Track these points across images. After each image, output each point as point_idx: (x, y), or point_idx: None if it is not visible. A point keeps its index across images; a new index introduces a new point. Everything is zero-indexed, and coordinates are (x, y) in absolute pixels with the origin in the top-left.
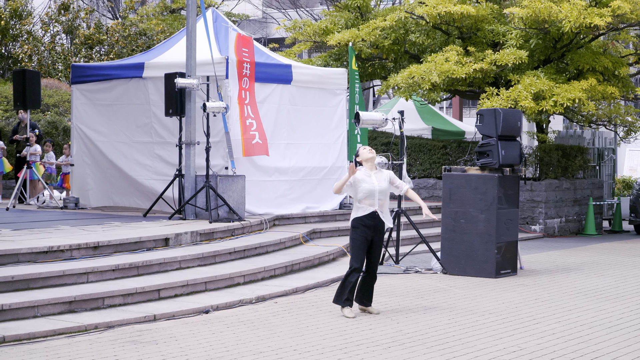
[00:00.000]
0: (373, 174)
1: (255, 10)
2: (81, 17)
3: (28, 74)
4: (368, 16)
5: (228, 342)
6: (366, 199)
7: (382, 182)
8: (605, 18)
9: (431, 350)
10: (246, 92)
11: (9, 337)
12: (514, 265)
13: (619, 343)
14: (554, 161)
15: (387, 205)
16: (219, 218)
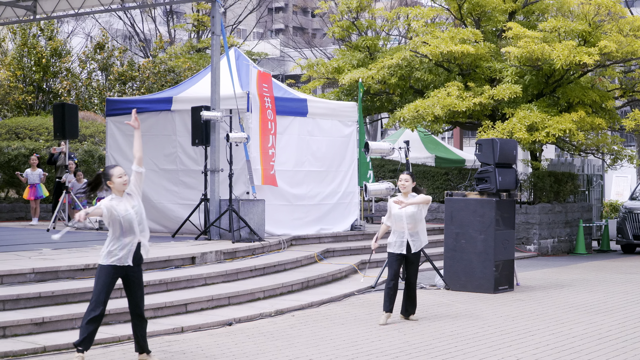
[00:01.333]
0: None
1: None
2: (115, 55)
3: (67, 107)
4: (376, 55)
5: (249, 352)
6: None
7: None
8: (593, 56)
9: (435, 359)
10: (272, 123)
11: (50, 346)
12: (510, 282)
13: (609, 353)
14: (546, 186)
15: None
16: (241, 238)
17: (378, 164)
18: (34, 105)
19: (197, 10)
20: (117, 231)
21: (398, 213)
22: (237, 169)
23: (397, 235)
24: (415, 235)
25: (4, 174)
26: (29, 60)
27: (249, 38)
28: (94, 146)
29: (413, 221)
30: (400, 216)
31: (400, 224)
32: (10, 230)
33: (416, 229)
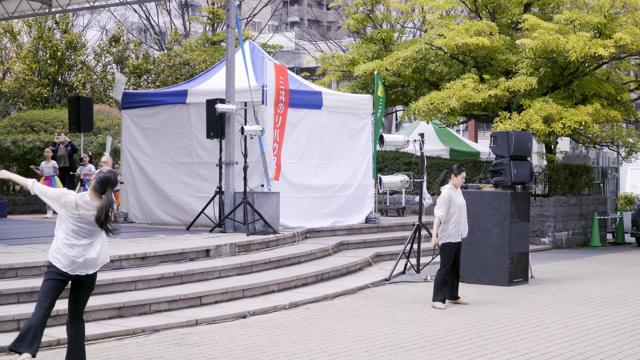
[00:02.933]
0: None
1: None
2: (130, 48)
3: (82, 100)
4: (391, 47)
5: (264, 345)
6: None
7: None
8: (609, 48)
9: (449, 352)
10: (279, 117)
11: (63, 339)
12: (525, 275)
13: (623, 346)
14: (561, 179)
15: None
16: (256, 231)
17: (393, 157)
18: (49, 98)
19: (212, 3)
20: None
21: (461, 203)
22: (252, 161)
23: (455, 225)
24: (464, 224)
25: (19, 166)
26: (45, 54)
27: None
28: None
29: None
30: (462, 206)
31: (461, 213)
32: (25, 223)
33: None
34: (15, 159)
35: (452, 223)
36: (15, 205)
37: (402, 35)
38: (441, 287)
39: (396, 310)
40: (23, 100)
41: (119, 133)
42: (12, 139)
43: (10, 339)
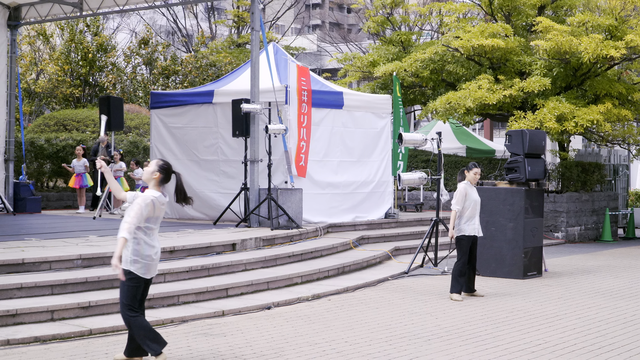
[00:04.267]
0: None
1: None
2: (159, 50)
3: (113, 100)
4: (410, 49)
5: (287, 335)
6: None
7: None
8: (620, 50)
9: (466, 342)
10: (304, 116)
11: (95, 329)
12: (539, 268)
13: (633, 337)
14: (574, 176)
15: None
16: (280, 226)
17: (411, 155)
18: (81, 98)
19: (237, 7)
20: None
21: (476, 199)
22: (276, 159)
23: (467, 219)
24: (477, 220)
25: (52, 164)
26: (76, 55)
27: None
28: (139, 137)
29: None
30: (476, 202)
31: (475, 209)
32: (58, 218)
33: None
34: (49, 157)
35: (465, 217)
36: (48, 201)
37: (420, 37)
38: (458, 279)
39: (414, 302)
40: (56, 100)
41: (148, 132)
42: (46, 137)
43: (45, 329)
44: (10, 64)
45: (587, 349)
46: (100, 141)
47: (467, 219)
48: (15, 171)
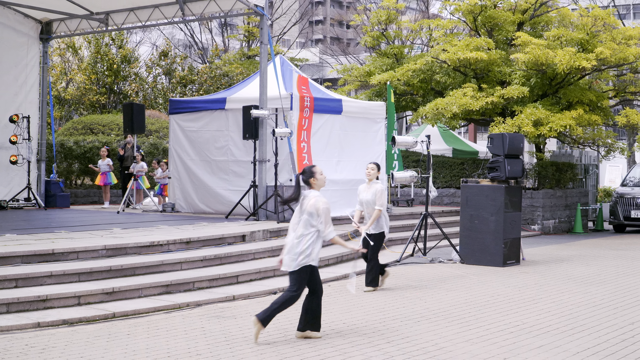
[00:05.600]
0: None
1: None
2: (177, 62)
3: (135, 106)
4: (402, 61)
5: (292, 317)
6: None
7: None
8: (591, 61)
9: (452, 323)
10: (306, 120)
11: (118, 313)
12: (517, 257)
13: (601, 319)
14: (549, 174)
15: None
16: (285, 219)
17: (403, 155)
18: (106, 105)
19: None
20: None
21: (360, 199)
22: (282, 159)
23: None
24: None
25: (80, 163)
26: (102, 66)
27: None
28: (159, 140)
29: (370, 207)
30: (361, 202)
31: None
32: (85, 212)
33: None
34: (77, 157)
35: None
36: (77, 197)
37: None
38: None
39: (406, 287)
40: (83, 106)
41: (167, 135)
42: (74, 140)
43: (72, 312)
44: (42, 73)
45: (560, 329)
46: (127, 142)
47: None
48: (46, 170)
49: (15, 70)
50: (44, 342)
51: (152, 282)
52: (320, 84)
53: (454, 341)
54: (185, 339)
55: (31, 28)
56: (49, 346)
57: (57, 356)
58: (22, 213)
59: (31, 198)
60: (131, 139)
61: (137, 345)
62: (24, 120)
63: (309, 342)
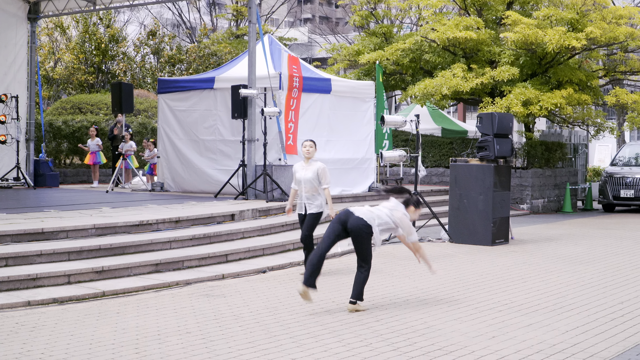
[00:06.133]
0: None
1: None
2: (165, 41)
3: (124, 85)
4: (391, 40)
5: (281, 295)
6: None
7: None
8: (581, 41)
9: (441, 302)
10: (294, 100)
11: (108, 291)
12: (506, 236)
13: (590, 298)
14: (538, 154)
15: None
16: (274, 198)
17: (393, 134)
18: (95, 84)
19: (236, 2)
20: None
21: (298, 178)
22: (271, 139)
23: (298, 197)
24: (311, 198)
25: (69, 143)
26: (90, 45)
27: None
28: (147, 119)
29: (310, 186)
30: (299, 181)
31: (300, 186)
32: (74, 191)
33: (312, 193)
34: (66, 137)
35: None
36: (66, 177)
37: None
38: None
39: (395, 266)
40: (72, 86)
41: (156, 114)
42: (63, 120)
43: (62, 291)
44: (30, 53)
45: (549, 308)
46: (118, 122)
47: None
48: (35, 150)
49: (5, 50)
50: (34, 321)
51: (142, 261)
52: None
53: (442, 319)
54: (174, 317)
55: (19, 8)
56: (39, 324)
57: (47, 334)
58: (12, 192)
59: (20, 177)
60: (121, 118)
61: (126, 324)
62: (13, 100)
63: (298, 321)
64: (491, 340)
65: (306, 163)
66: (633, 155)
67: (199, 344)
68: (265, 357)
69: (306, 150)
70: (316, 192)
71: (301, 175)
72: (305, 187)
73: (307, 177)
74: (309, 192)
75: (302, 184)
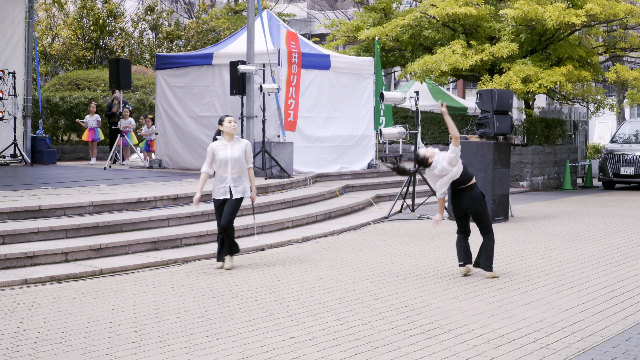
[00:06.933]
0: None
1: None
2: (164, 17)
3: (121, 61)
4: (390, 16)
5: (279, 273)
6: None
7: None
8: (581, 17)
9: (440, 280)
10: (294, 77)
11: (106, 269)
12: (505, 213)
13: (590, 275)
14: (538, 131)
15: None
16: (273, 176)
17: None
18: (92, 60)
19: None
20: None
21: (222, 157)
22: (269, 115)
23: (219, 181)
24: (238, 180)
25: (66, 119)
26: (88, 21)
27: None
28: (145, 96)
29: (239, 166)
30: (225, 160)
31: (225, 168)
32: (72, 168)
33: (239, 174)
34: (63, 113)
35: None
36: (63, 153)
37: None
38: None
39: (394, 244)
40: (69, 61)
41: (154, 91)
42: (60, 96)
43: (59, 269)
44: (28, 29)
45: (549, 286)
46: (115, 98)
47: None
48: (32, 126)
49: (2, 26)
50: (31, 299)
51: (140, 239)
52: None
53: (442, 298)
54: (172, 295)
55: None
56: (37, 303)
57: (44, 313)
58: (9, 169)
59: (17, 154)
60: (118, 95)
61: (124, 302)
62: (10, 76)
63: (297, 299)
64: (490, 318)
65: (229, 141)
66: (633, 132)
67: (197, 322)
68: (264, 335)
69: (232, 125)
70: (243, 173)
71: (226, 154)
72: (233, 168)
73: (235, 155)
74: (237, 174)
75: (229, 165)
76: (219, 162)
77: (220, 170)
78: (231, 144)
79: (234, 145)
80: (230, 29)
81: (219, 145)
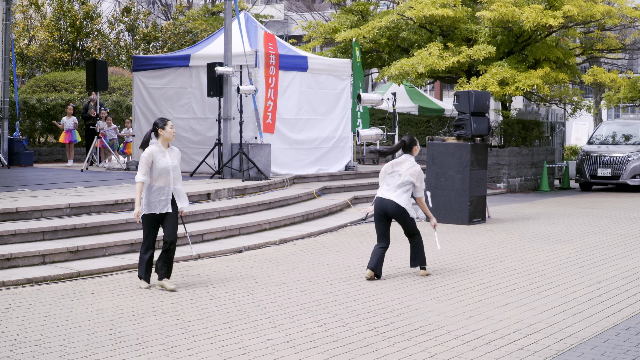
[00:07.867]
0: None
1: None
2: (140, 18)
3: (98, 63)
4: (368, 17)
5: (257, 275)
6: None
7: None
8: (558, 19)
9: (418, 281)
10: (272, 78)
11: (83, 271)
12: (483, 215)
13: (568, 277)
14: (515, 132)
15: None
16: (250, 177)
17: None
18: (69, 62)
19: None
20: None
21: (163, 166)
22: (247, 117)
23: (158, 193)
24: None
25: (43, 121)
26: (65, 23)
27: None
28: (122, 97)
29: (178, 175)
30: (164, 170)
31: (166, 177)
32: (49, 170)
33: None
34: (40, 115)
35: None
36: (40, 155)
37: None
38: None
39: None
40: (46, 63)
41: (131, 92)
42: (37, 98)
43: (37, 271)
44: (5, 30)
45: (526, 287)
46: (92, 99)
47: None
48: (9, 128)
49: None
50: (8, 301)
51: (117, 241)
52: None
53: (420, 299)
54: (150, 297)
55: None
56: (14, 305)
57: (22, 315)
58: None
59: None
60: (95, 97)
61: (102, 304)
62: None
63: (275, 301)
64: (468, 320)
65: (165, 147)
66: (610, 133)
67: (174, 324)
68: (242, 337)
69: (173, 132)
70: (179, 180)
71: (167, 162)
72: (174, 176)
73: (175, 163)
74: (176, 183)
75: (170, 173)
76: (159, 171)
77: (160, 181)
78: (168, 150)
79: (171, 153)
80: (208, 30)
81: (157, 152)
